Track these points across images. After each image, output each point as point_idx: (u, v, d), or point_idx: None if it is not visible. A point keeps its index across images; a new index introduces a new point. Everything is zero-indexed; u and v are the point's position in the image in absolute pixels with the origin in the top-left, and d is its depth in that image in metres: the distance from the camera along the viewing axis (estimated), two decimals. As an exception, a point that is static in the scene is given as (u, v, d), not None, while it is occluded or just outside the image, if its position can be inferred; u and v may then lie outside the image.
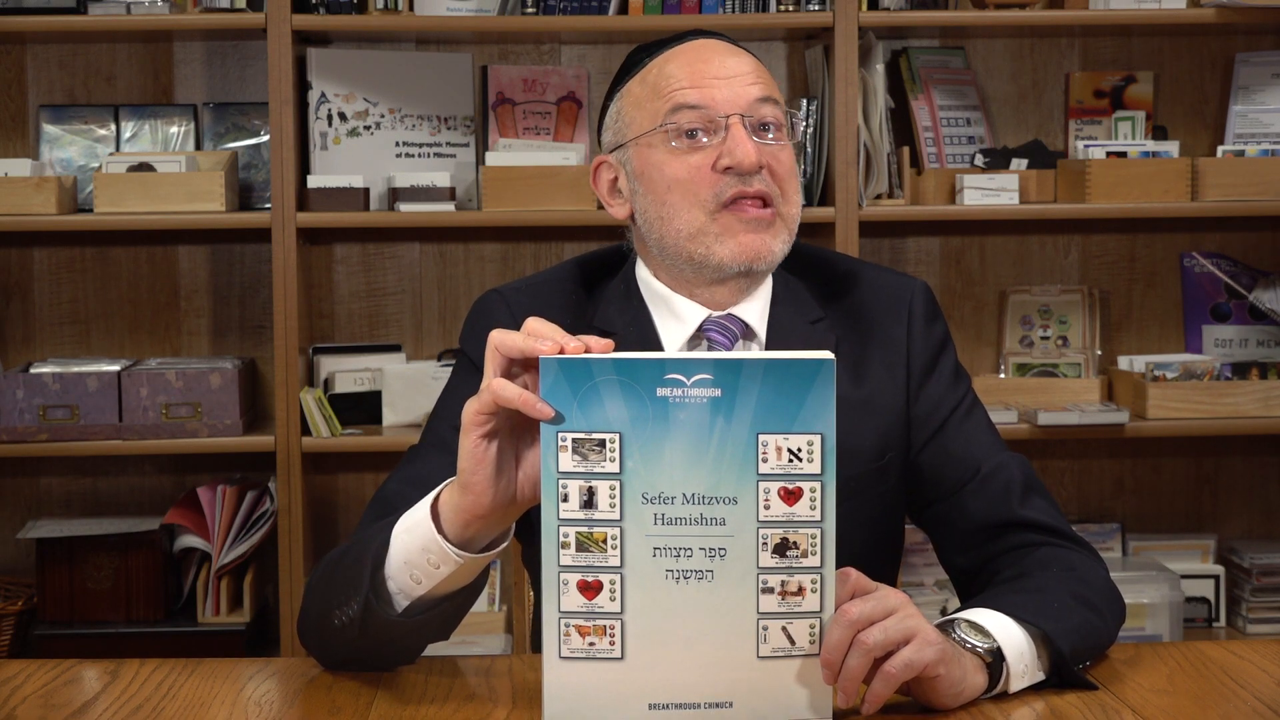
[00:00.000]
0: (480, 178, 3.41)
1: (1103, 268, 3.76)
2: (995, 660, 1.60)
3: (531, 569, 2.14)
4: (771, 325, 1.93)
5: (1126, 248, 3.75)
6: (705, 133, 1.86)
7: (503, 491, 1.54)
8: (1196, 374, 3.45)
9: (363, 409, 3.48)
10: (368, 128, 3.53)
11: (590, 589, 1.49)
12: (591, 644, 1.49)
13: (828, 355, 1.47)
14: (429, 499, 1.60)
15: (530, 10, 3.37)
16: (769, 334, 1.93)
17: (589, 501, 1.48)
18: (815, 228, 3.40)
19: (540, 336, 1.50)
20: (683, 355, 1.67)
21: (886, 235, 3.70)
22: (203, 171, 3.39)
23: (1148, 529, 3.76)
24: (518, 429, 1.54)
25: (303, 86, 3.46)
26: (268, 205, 3.48)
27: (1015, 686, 1.62)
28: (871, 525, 1.91)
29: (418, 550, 1.60)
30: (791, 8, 3.38)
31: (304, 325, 3.44)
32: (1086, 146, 3.49)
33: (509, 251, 3.68)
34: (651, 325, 1.93)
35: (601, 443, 1.47)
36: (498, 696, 1.64)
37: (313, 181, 3.38)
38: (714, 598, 1.49)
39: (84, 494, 3.64)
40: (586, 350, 1.48)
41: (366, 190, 3.39)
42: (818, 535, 1.49)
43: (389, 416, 3.47)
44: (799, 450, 1.47)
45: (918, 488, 1.95)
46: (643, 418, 1.47)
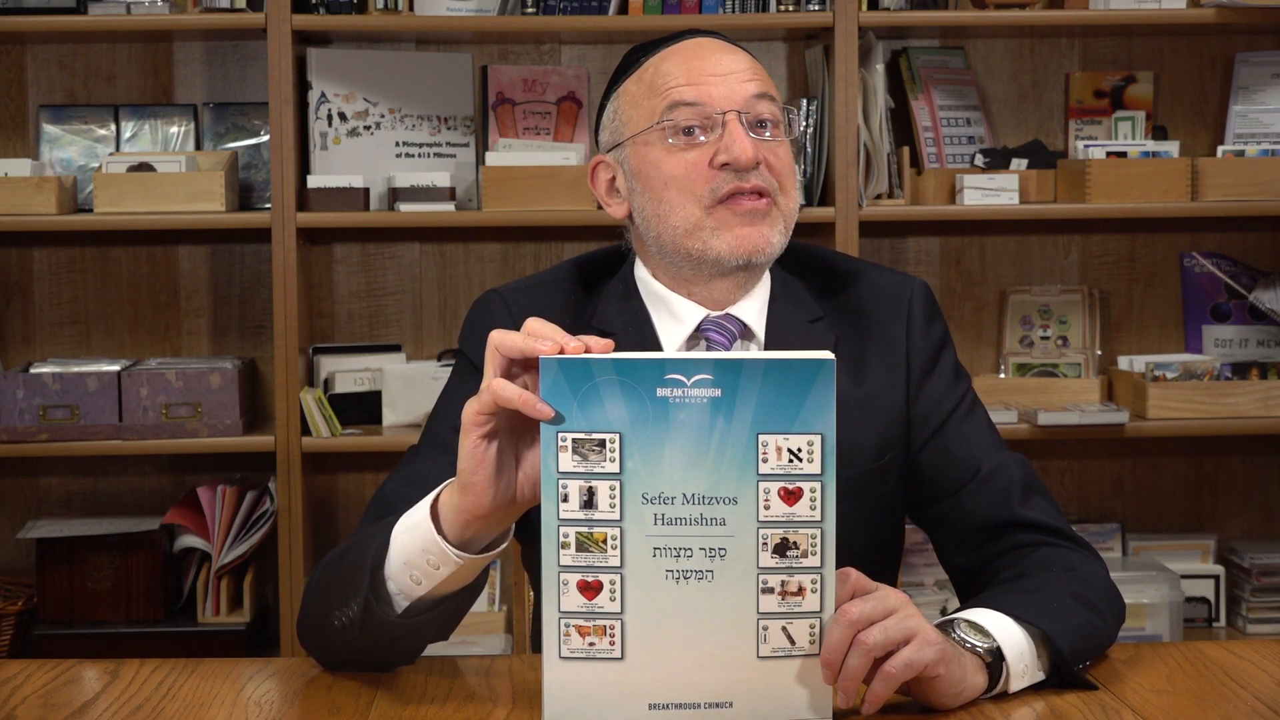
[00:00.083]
0: (480, 178, 3.41)
1: (1103, 268, 3.75)
2: (995, 660, 1.60)
3: (531, 569, 2.13)
4: (770, 325, 1.93)
5: (1126, 248, 3.75)
6: (702, 129, 1.86)
7: (503, 492, 1.54)
8: (1196, 374, 3.45)
9: (363, 409, 3.48)
10: (368, 128, 3.53)
11: (590, 589, 1.49)
12: (591, 644, 1.49)
13: (828, 355, 1.47)
14: (429, 500, 1.60)
15: (530, 10, 3.37)
16: (768, 333, 1.93)
17: (589, 501, 1.48)
18: (815, 228, 3.40)
19: (540, 336, 1.50)
20: (683, 355, 1.67)
21: (886, 235, 3.70)
22: (203, 171, 3.39)
23: (1148, 529, 3.76)
24: (518, 429, 1.54)
25: (303, 86, 3.46)
26: (268, 205, 3.48)
27: (1015, 686, 1.62)
28: (871, 525, 1.91)
29: (417, 551, 1.60)
30: (791, 8, 3.38)
31: (304, 325, 3.44)
32: (1086, 146, 3.49)
33: (509, 251, 3.68)
34: (650, 325, 1.93)
35: (601, 443, 1.47)
36: (498, 696, 1.64)
37: (313, 181, 3.38)
38: (714, 598, 1.49)
39: (84, 494, 3.64)
40: (586, 350, 1.48)
41: (366, 190, 3.39)
42: (818, 535, 1.49)
43: (389, 416, 3.47)
44: (799, 450, 1.47)
45: (918, 487, 1.95)
46: (643, 418, 1.46)
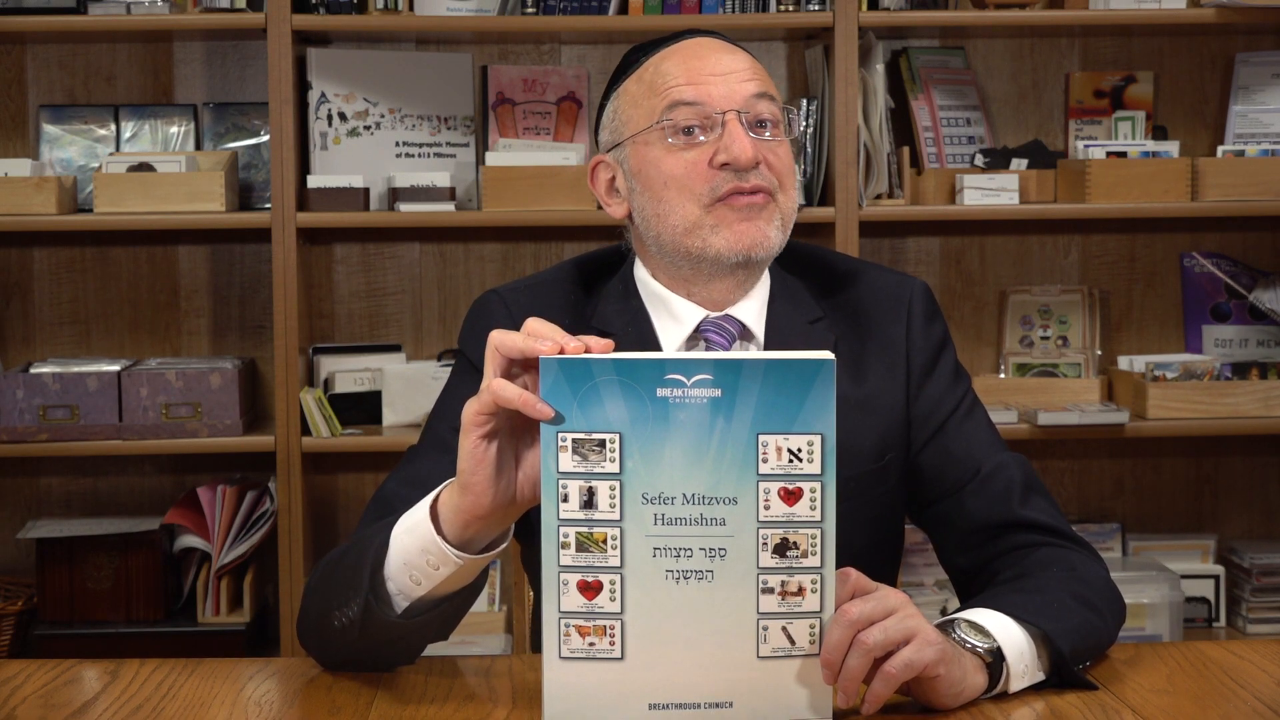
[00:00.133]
0: (480, 178, 3.41)
1: (1103, 268, 3.75)
2: (995, 660, 1.60)
3: (531, 569, 2.13)
4: (770, 325, 1.93)
5: (1126, 248, 3.75)
6: (702, 129, 1.86)
7: (502, 492, 1.54)
8: (1196, 374, 3.45)
9: (363, 409, 3.48)
10: (368, 128, 3.53)
11: (590, 589, 1.49)
12: (591, 644, 1.49)
13: (828, 355, 1.47)
14: (428, 500, 1.60)
15: (530, 10, 3.37)
16: (767, 334, 1.93)
17: (589, 502, 1.48)
18: (815, 228, 3.40)
19: (540, 336, 1.50)
20: (683, 355, 1.67)
21: (886, 235, 3.70)
22: (203, 171, 3.39)
23: (1148, 529, 3.76)
24: (518, 429, 1.54)
25: (303, 86, 3.46)
26: (268, 205, 3.48)
27: (1015, 686, 1.62)
28: (871, 525, 1.91)
29: (417, 551, 1.60)
30: (791, 8, 3.38)
31: (304, 325, 3.43)
32: (1086, 146, 3.49)
33: (509, 251, 3.68)
34: (649, 326, 1.92)
35: (601, 443, 1.47)
36: (498, 696, 1.64)
37: (313, 181, 3.38)
38: (714, 598, 1.49)
39: (84, 494, 3.64)
40: (586, 350, 1.48)
41: (366, 190, 3.39)
42: (818, 535, 1.49)
43: (389, 416, 3.47)
44: (799, 450, 1.47)
45: (918, 488, 1.95)
46: (643, 418, 1.46)
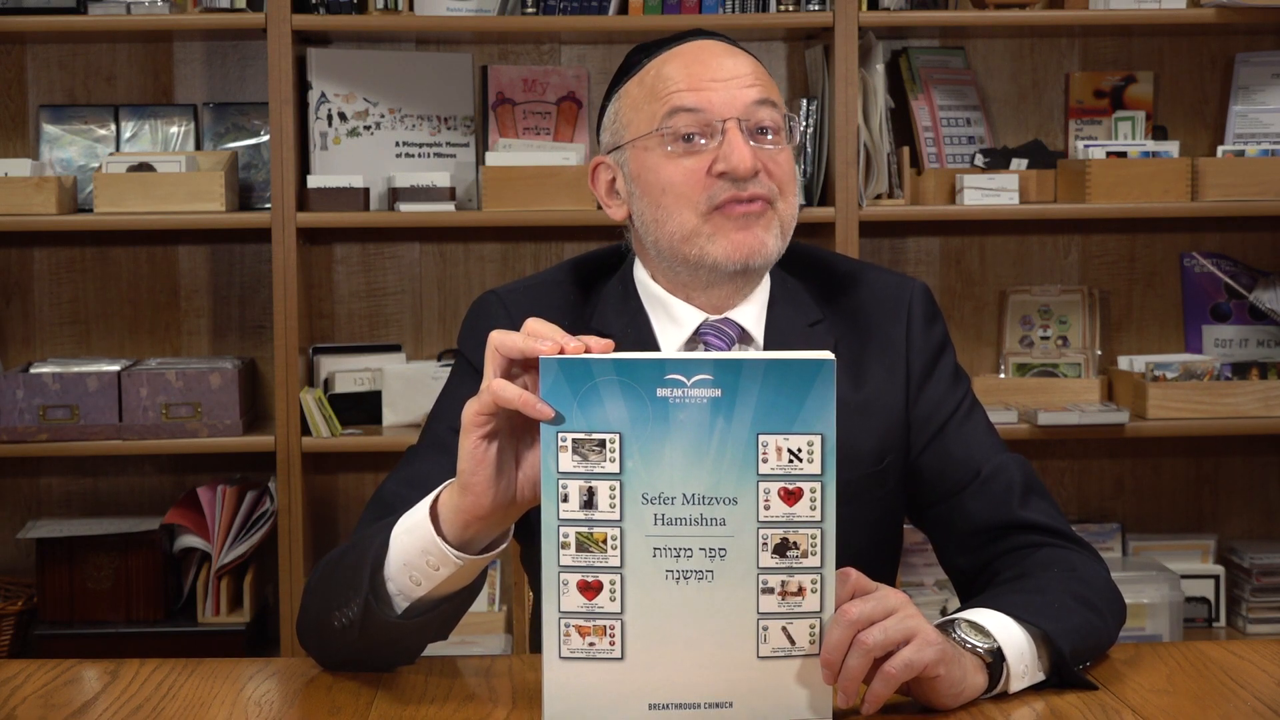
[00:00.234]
0: (480, 178, 3.41)
1: (1103, 268, 3.75)
2: (995, 660, 1.60)
3: (531, 570, 2.13)
4: (769, 329, 1.93)
5: (1126, 248, 3.75)
6: (701, 136, 1.85)
7: (503, 492, 1.54)
8: (1196, 374, 3.45)
9: (363, 409, 3.47)
10: (368, 128, 3.53)
11: (590, 589, 1.49)
12: (591, 644, 1.49)
13: (828, 355, 1.47)
14: (428, 500, 1.60)
15: (530, 10, 3.37)
16: (767, 337, 1.92)
17: (589, 502, 1.48)
18: (815, 228, 3.40)
19: (540, 337, 1.50)
20: (683, 355, 1.67)
21: (886, 235, 3.70)
22: (203, 171, 3.39)
23: (1148, 529, 3.76)
24: (518, 429, 1.54)
25: (303, 86, 3.46)
26: (268, 205, 3.48)
27: (1015, 687, 1.62)
28: (870, 529, 1.91)
29: (417, 552, 1.60)
30: (791, 8, 3.38)
31: (304, 325, 3.43)
32: (1086, 146, 3.49)
33: (509, 251, 3.68)
34: (649, 328, 1.92)
35: (601, 443, 1.47)
36: (498, 696, 1.64)
37: (313, 181, 3.38)
38: (714, 598, 1.49)
39: (84, 494, 3.64)
40: (586, 350, 1.48)
41: (366, 190, 3.39)
42: (818, 535, 1.49)
43: (389, 416, 3.47)
44: (799, 450, 1.47)
45: (918, 490, 1.94)
46: (643, 418, 1.46)
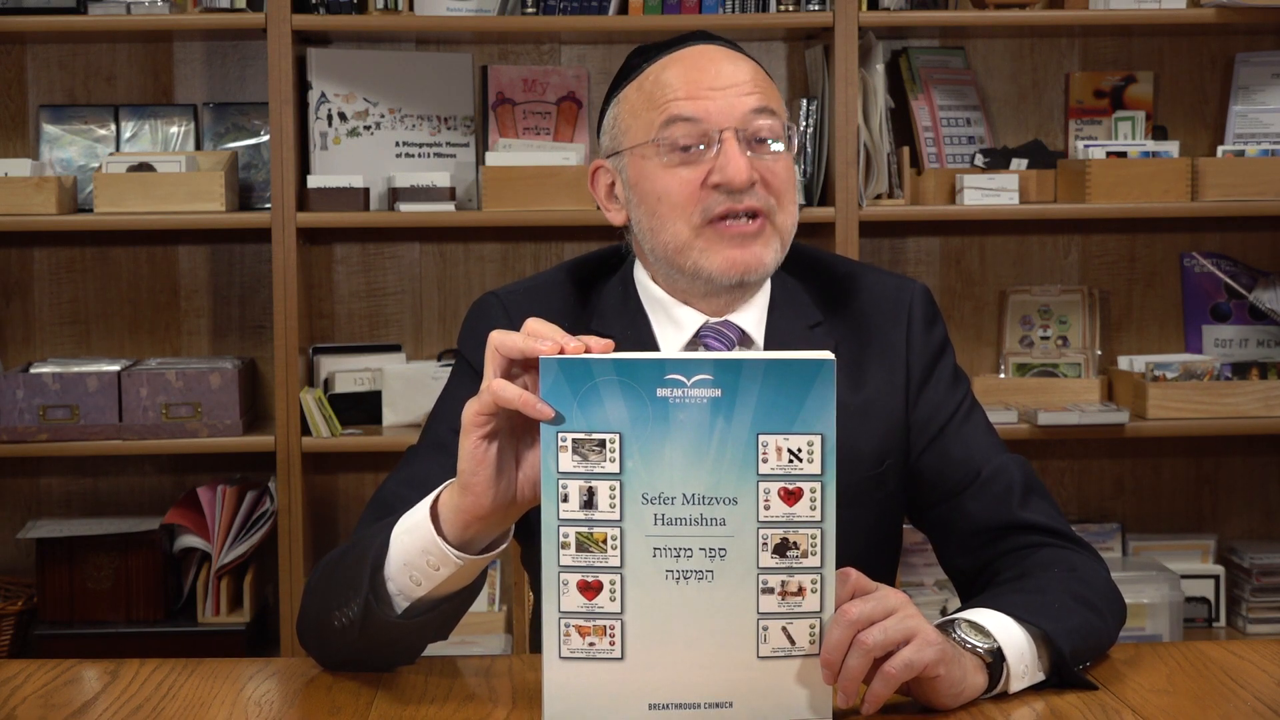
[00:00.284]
0: (480, 178, 3.41)
1: (1103, 268, 3.75)
2: (995, 660, 1.60)
3: (531, 570, 2.13)
4: (769, 332, 1.93)
5: (1126, 248, 3.75)
6: (698, 146, 1.85)
7: (503, 492, 1.54)
8: (1196, 374, 3.45)
9: (363, 409, 3.47)
10: (368, 128, 3.53)
11: (590, 589, 1.49)
12: (591, 644, 1.49)
13: (828, 355, 1.47)
14: (428, 500, 1.60)
15: (530, 10, 3.37)
16: (767, 340, 1.92)
17: (589, 502, 1.48)
18: (815, 228, 3.40)
19: (540, 337, 1.50)
20: (683, 355, 1.66)
21: (886, 235, 3.70)
22: (203, 171, 3.39)
23: (1148, 529, 3.76)
24: (518, 430, 1.54)
25: (303, 86, 3.46)
26: (268, 205, 3.48)
27: (1015, 687, 1.62)
28: (870, 533, 1.91)
29: (417, 552, 1.60)
30: (791, 8, 3.38)
31: (304, 325, 3.43)
32: (1086, 146, 3.49)
33: (509, 251, 3.68)
34: (649, 331, 1.92)
35: (601, 443, 1.47)
36: (498, 696, 1.64)
37: (313, 181, 3.38)
38: (714, 598, 1.49)
39: (84, 494, 3.64)
40: (586, 350, 1.48)
41: (366, 190, 3.39)
42: (818, 535, 1.49)
43: (389, 416, 3.47)
44: (799, 450, 1.47)
45: (918, 491, 1.94)
46: (643, 418, 1.46)
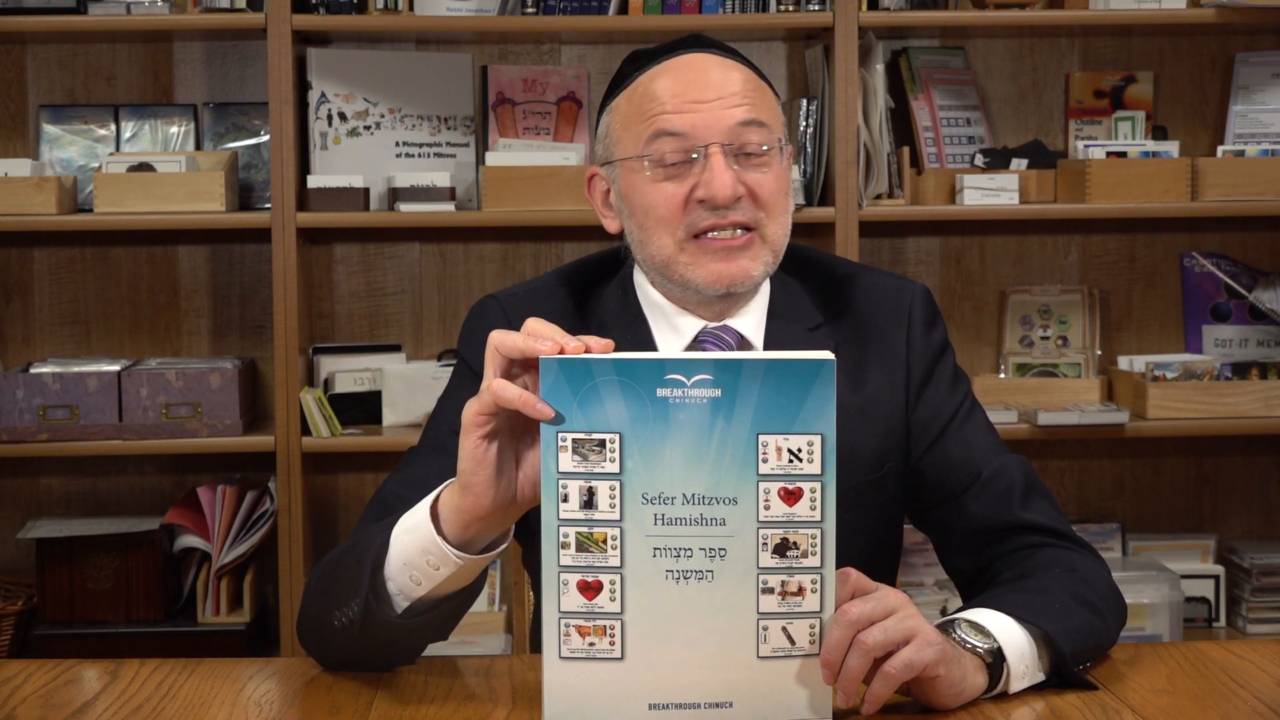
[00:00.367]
0: (480, 178, 3.41)
1: (1103, 268, 3.75)
2: (996, 660, 1.60)
3: (531, 570, 2.13)
4: (769, 335, 1.93)
5: (1126, 248, 3.75)
6: (685, 160, 1.84)
7: (503, 492, 1.54)
8: (1196, 374, 3.45)
9: (363, 409, 3.47)
10: (368, 128, 3.53)
11: (590, 589, 1.49)
12: (591, 644, 1.49)
13: (828, 355, 1.47)
14: (428, 500, 1.60)
15: (530, 10, 3.37)
16: (766, 343, 1.92)
17: (589, 502, 1.48)
18: (815, 228, 3.40)
19: (540, 337, 1.50)
20: (683, 355, 1.66)
21: (886, 235, 3.70)
22: (203, 171, 3.39)
23: (1148, 529, 3.76)
24: (518, 430, 1.54)
25: (303, 86, 3.46)
26: (268, 205, 3.48)
27: (1015, 687, 1.62)
28: (870, 535, 1.91)
29: (417, 552, 1.60)
30: (791, 8, 3.38)
31: (304, 325, 3.43)
32: (1086, 146, 3.49)
33: (509, 252, 3.68)
34: (649, 335, 1.92)
35: (601, 443, 1.47)
36: (498, 696, 1.64)
37: (313, 181, 3.38)
38: (714, 598, 1.49)
39: (84, 494, 3.64)
40: (586, 350, 1.48)
41: (366, 190, 3.39)
42: (818, 535, 1.49)
43: (389, 416, 3.47)
44: (799, 450, 1.47)
45: (918, 492, 1.94)
46: (643, 418, 1.46)
